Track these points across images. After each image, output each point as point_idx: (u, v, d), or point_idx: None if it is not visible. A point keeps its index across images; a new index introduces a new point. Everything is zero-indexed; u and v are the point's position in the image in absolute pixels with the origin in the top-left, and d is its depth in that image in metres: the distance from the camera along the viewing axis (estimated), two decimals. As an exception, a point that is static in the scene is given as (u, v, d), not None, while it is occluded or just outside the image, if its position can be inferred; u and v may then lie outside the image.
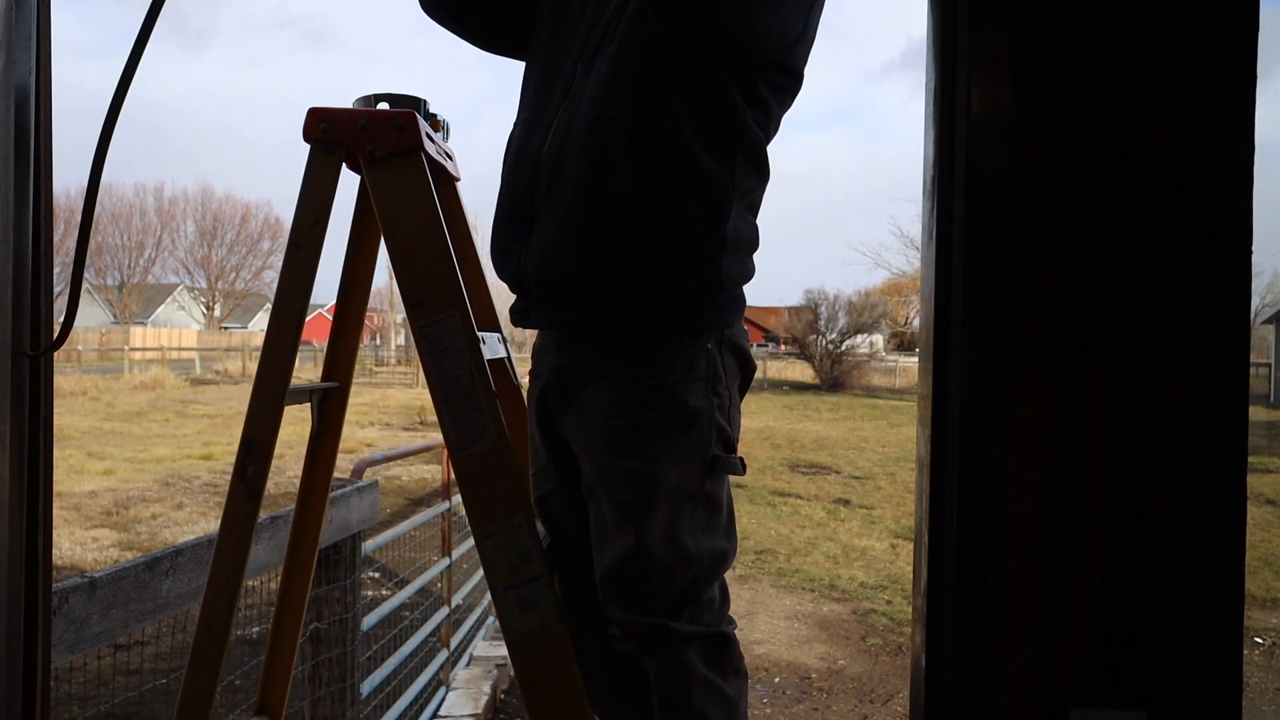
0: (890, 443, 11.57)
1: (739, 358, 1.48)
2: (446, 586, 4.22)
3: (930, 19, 0.73)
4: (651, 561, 1.39)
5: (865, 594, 6.06)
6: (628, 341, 1.42)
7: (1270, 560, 7.38)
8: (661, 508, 1.39)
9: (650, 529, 1.39)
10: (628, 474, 1.40)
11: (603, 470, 1.42)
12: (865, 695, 4.35)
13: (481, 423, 1.33)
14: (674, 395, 1.39)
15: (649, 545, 1.39)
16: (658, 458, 1.39)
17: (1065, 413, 0.66)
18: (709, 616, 1.44)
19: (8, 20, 1.00)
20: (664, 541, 1.39)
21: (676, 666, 1.41)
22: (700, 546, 1.41)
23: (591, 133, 1.38)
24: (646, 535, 1.39)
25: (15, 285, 1.01)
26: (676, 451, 1.39)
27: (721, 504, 1.45)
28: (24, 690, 1.04)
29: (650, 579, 1.40)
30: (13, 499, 1.02)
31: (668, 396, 1.39)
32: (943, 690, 0.69)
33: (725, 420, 1.44)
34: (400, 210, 1.38)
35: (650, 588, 1.41)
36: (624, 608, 1.42)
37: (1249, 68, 0.65)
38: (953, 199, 0.70)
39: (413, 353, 32.97)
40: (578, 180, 1.39)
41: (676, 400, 1.39)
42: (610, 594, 1.43)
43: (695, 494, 1.40)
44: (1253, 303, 0.66)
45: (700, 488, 1.41)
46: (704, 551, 1.41)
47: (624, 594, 1.42)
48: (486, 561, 1.33)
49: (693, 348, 1.42)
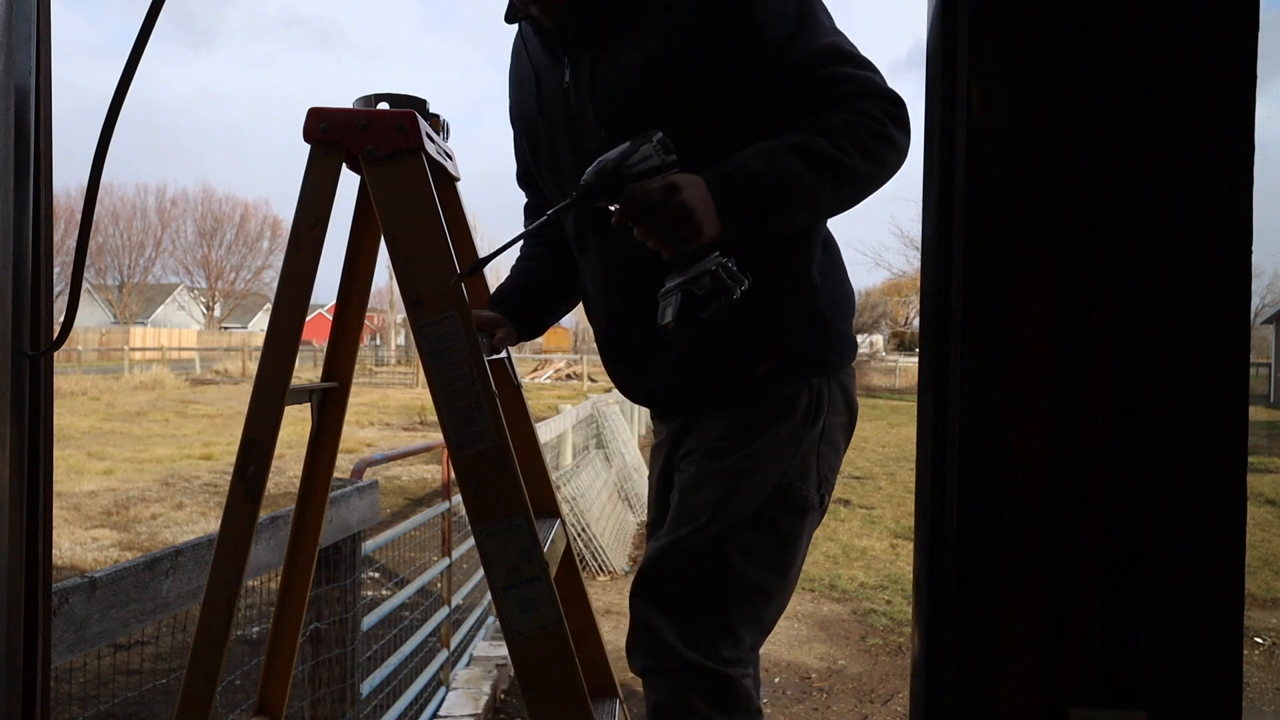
0: (890, 443, 11.57)
1: (845, 398, 1.53)
2: (446, 586, 4.22)
3: (930, 19, 0.73)
4: (691, 562, 1.41)
5: (865, 594, 6.06)
6: (745, 385, 1.50)
7: (1270, 560, 7.38)
8: (720, 518, 1.43)
9: (701, 532, 1.43)
10: (703, 479, 1.46)
11: (685, 476, 1.48)
12: (865, 695, 4.35)
13: (482, 422, 1.33)
14: (770, 427, 1.46)
15: (695, 547, 1.42)
16: (736, 474, 1.44)
17: (1065, 412, 0.66)
18: (728, 653, 1.42)
19: (8, 20, 1.00)
20: (711, 549, 1.42)
21: (676, 702, 1.40)
22: (747, 570, 1.42)
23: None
24: (696, 536, 1.42)
25: (15, 285, 1.01)
26: (756, 473, 1.44)
27: (788, 540, 1.46)
28: (24, 690, 1.04)
29: (685, 580, 1.42)
30: (13, 499, 1.02)
31: (764, 428, 1.46)
32: (943, 690, 0.69)
33: (814, 456, 1.49)
34: (400, 210, 1.38)
35: (681, 589, 1.41)
36: (649, 603, 1.43)
37: (1249, 68, 0.65)
38: (953, 199, 0.70)
39: (413, 353, 32.97)
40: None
41: (771, 431, 1.46)
42: (640, 587, 1.45)
43: (759, 516, 1.43)
44: (1253, 303, 0.66)
45: (767, 512, 1.44)
46: (748, 576, 1.42)
47: (653, 588, 1.43)
48: (487, 561, 1.33)
49: (799, 384, 1.48)
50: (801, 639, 5.10)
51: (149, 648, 3.64)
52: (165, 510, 9.01)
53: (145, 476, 10.77)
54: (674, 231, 1.25)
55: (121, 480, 10.50)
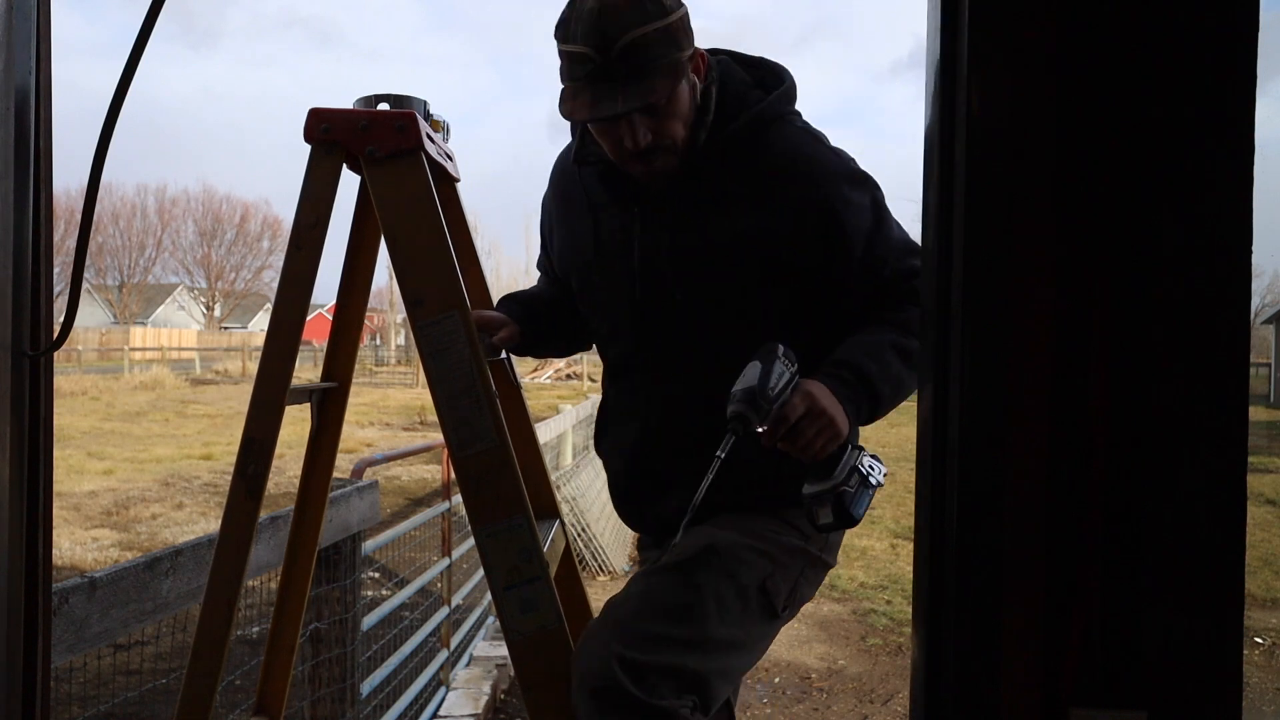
0: (890, 443, 11.57)
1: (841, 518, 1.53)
2: (446, 586, 4.22)
3: (930, 19, 0.73)
4: (667, 595, 1.39)
5: (865, 594, 6.06)
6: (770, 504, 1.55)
7: (1270, 560, 7.38)
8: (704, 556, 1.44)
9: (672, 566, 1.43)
10: (697, 533, 1.46)
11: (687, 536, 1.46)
12: (865, 695, 4.35)
13: (482, 422, 1.33)
14: (780, 534, 1.51)
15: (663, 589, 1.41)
16: (732, 538, 1.46)
17: (1065, 412, 0.66)
18: (672, 689, 1.32)
19: (8, 20, 1.00)
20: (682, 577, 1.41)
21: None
22: (717, 628, 1.39)
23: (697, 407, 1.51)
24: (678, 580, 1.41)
25: (15, 285, 1.01)
26: (749, 551, 1.46)
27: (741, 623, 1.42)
28: (24, 690, 1.04)
29: (657, 608, 1.38)
30: (13, 499, 1.02)
31: (775, 530, 1.51)
32: (943, 690, 0.69)
33: (800, 579, 1.52)
34: (400, 210, 1.38)
35: (650, 615, 1.37)
36: (615, 619, 1.37)
37: (1249, 68, 0.65)
38: (953, 199, 0.70)
39: (413, 353, 32.98)
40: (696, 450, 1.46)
41: (777, 537, 1.50)
42: (610, 608, 1.42)
43: (733, 583, 1.43)
44: (1253, 303, 0.66)
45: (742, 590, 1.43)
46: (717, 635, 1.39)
47: (621, 606, 1.40)
48: (487, 561, 1.33)
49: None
50: (801, 639, 5.10)
51: (149, 648, 3.64)
52: (165, 510, 9.01)
53: (145, 476, 10.77)
54: (818, 442, 1.37)
55: (121, 480, 10.50)
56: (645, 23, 1.36)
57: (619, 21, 1.35)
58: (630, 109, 1.38)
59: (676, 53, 1.40)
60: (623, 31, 1.35)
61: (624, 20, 1.35)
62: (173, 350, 40.96)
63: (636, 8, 1.36)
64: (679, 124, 1.45)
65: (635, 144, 1.43)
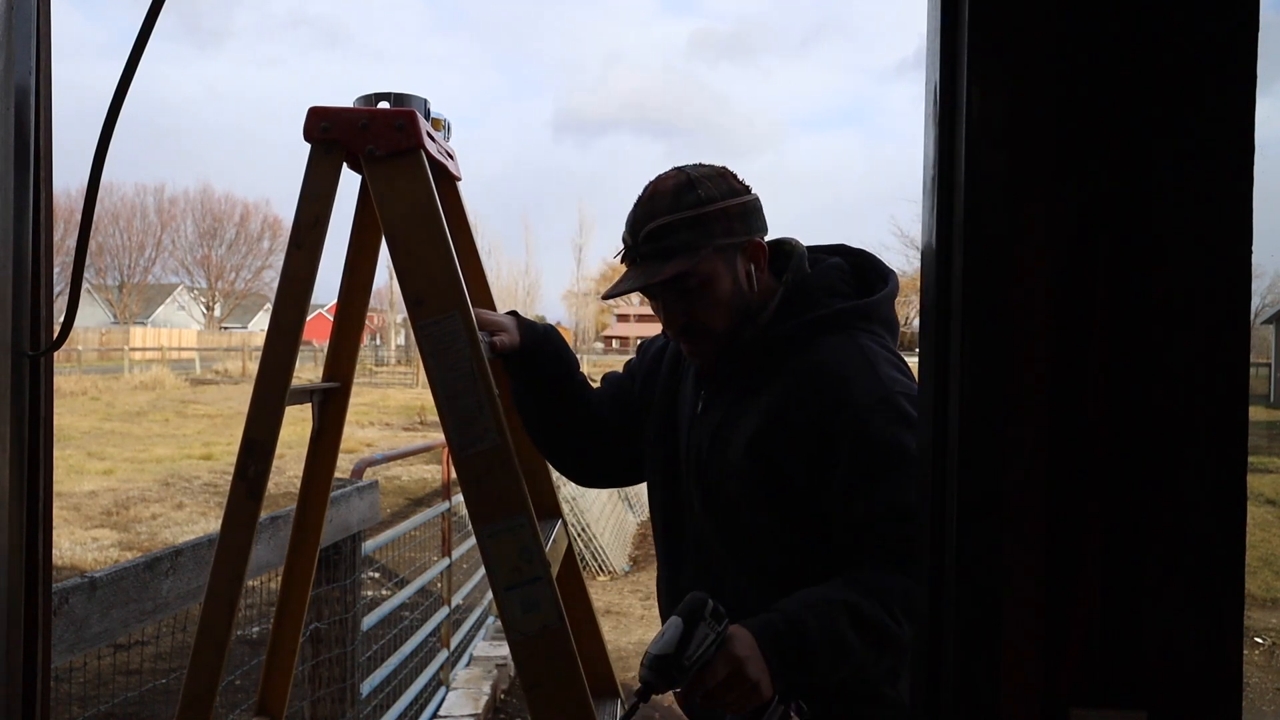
0: (890, 443, 11.55)
1: None
2: (446, 586, 4.22)
3: (930, 18, 0.73)
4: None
5: (865, 594, 6.03)
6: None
7: (1270, 560, 7.38)
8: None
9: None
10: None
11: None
12: (865, 695, 4.33)
13: (483, 422, 1.33)
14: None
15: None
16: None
17: (1065, 412, 0.66)
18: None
19: (8, 20, 1.00)
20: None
21: None
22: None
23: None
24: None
25: (15, 285, 1.01)
26: None
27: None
28: (24, 690, 1.04)
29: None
30: (13, 499, 1.02)
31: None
32: (943, 690, 0.69)
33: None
34: (401, 210, 1.37)
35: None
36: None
37: (1249, 68, 0.65)
38: (953, 199, 0.70)
39: (413, 353, 32.97)
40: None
41: None
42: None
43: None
44: (1253, 303, 0.66)
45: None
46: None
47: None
48: (488, 561, 1.33)
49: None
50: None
51: (149, 648, 3.65)
52: (165, 510, 9.02)
53: (145, 476, 10.77)
54: (739, 703, 1.30)
55: (121, 480, 10.50)
56: (675, 211, 1.43)
57: (652, 209, 1.45)
58: (631, 288, 1.47)
59: (704, 239, 1.42)
60: (650, 218, 1.44)
61: (656, 208, 1.44)
62: (173, 350, 40.96)
63: (675, 197, 1.44)
64: (716, 310, 1.46)
65: (668, 323, 1.51)
